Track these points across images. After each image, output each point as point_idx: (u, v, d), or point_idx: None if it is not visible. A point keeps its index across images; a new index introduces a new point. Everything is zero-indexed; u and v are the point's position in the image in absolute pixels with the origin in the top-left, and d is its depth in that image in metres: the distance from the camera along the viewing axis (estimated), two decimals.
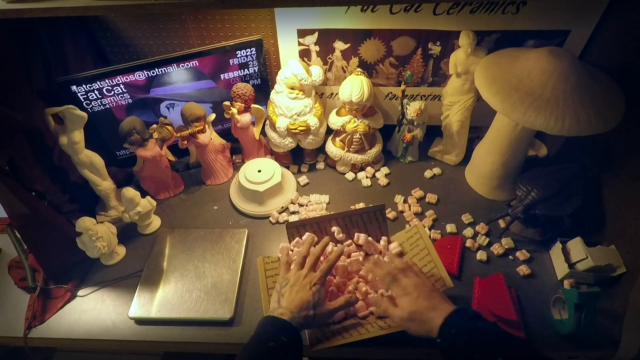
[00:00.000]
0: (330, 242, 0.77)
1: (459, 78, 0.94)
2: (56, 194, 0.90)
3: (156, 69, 0.92)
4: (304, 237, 0.79)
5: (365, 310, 0.73)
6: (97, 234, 0.83)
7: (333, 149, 1.06)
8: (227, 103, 0.98)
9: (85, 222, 0.82)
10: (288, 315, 0.63)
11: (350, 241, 0.81)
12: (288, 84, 0.96)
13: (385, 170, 1.08)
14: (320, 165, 1.11)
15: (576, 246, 0.84)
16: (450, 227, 0.94)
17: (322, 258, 0.75)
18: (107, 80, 0.90)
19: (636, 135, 0.78)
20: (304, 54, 0.98)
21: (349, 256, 0.80)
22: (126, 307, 0.82)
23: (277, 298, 0.69)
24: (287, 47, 0.97)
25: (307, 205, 1.00)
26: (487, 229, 0.93)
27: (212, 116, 0.99)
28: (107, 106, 0.94)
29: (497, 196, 1.00)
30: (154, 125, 0.95)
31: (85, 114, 0.84)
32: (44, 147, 0.87)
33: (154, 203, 0.94)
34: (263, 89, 1.05)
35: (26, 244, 0.84)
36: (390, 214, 0.97)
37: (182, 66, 0.93)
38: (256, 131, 1.05)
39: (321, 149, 1.11)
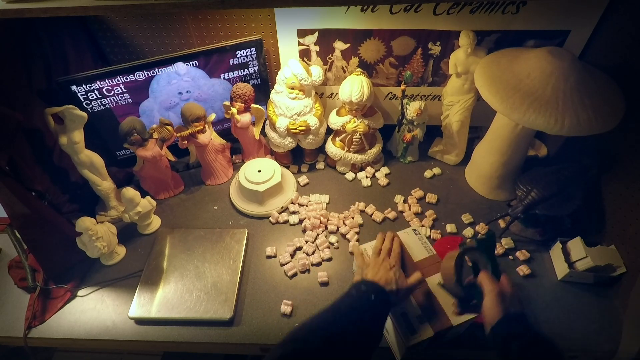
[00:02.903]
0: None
1: (459, 78, 0.94)
2: (56, 194, 0.90)
3: (156, 69, 0.92)
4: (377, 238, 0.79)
5: None
6: (97, 234, 0.83)
7: (333, 149, 1.06)
8: (227, 103, 0.98)
9: (85, 222, 0.82)
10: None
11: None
12: (288, 84, 0.96)
13: (385, 170, 1.08)
14: (320, 165, 1.11)
15: (576, 246, 0.84)
16: (450, 227, 0.94)
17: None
18: (107, 80, 0.90)
19: (636, 135, 0.78)
20: (304, 54, 0.98)
21: None
22: (126, 307, 0.82)
23: (359, 278, 0.71)
24: (287, 47, 0.97)
25: (307, 205, 1.00)
26: (487, 229, 0.93)
27: (212, 116, 0.99)
28: (107, 106, 0.94)
29: (497, 196, 1.00)
30: (154, 125, 0.95)
31: (85, 114, 0.84)
32: (44, 147, 0.87)
33: (154, 203, 0.94)
34: (263, 89, 1.05)
35: (26, 244, 0.84)
36: (390, 214, 0.97)
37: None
38: (256, 131, 1.05)
39: (321, 149, 1.11)
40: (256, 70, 1.01)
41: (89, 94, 0.90)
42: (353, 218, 0.96)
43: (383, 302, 0.65)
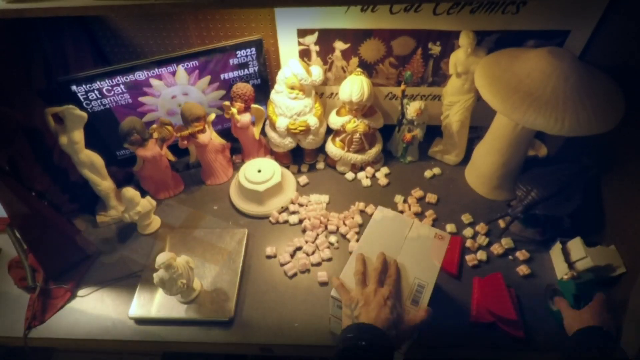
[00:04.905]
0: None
1: (459, 78, 0.94)
2: (56, 194, 0.90)
3: (156, 69, 0.92)
4: (355, 258, 0.67)
5: None
6: (177, 271, 0.74)
7: (333, 149, 1.06)
8: (227, 103, 0.98)
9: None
10: None
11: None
12: (288, 83, 0.96)
13: (385, 170, 1.08)
14: (320, 165, 1.11)
15: (576, 246, 0.84)
16: (450, 227, 0.94)
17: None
18: (107, 80, 0.90)
19: (636, 135, 0.78)
20: (304, 54, 0.98)
21: None
22: (126, 307, 0.82)
23: (350, 322, 0.58)
24: (287, 47, 0.97)
25: (306, 205, 1.00)
26: (487, 229, 0.93)
27: (212, 116, 0.99)
28: (107, 106, 0.94)
29: (497, 196, 1.00)
30: (154, 125, 0.95)
31: (85, 114, 0.84)
32: (44, 147, 0.87)
33: (154, 203, 0.94)
34: (263, 89, 1.05)
35: (26, 244, 0.84)
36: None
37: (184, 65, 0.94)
38: (256, 131, 1.05)
39: (321, 149, 1.11)
40: (256, 70, 1.01)
41: (89, 94, 0.90)
42: (353, 218, 0.96)
43: (385, 350, 0.53)
